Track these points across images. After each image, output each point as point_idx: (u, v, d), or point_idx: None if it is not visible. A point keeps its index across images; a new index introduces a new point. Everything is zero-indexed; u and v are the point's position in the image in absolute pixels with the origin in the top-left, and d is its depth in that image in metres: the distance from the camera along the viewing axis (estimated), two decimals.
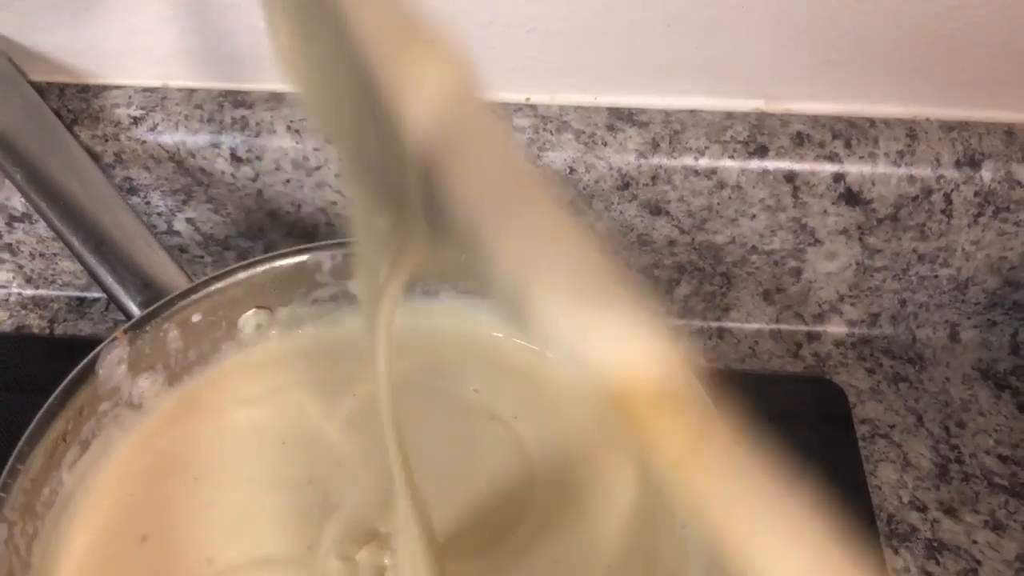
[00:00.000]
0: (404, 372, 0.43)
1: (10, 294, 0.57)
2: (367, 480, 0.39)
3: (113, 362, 0.39)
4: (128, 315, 0.41)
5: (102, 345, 0.39)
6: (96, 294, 0.56)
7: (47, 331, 0.55)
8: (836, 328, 0.56)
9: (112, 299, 0.41)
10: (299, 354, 0.44)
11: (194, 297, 0.41)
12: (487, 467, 0.40)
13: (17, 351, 0.54)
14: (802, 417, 0.53)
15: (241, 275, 0.42)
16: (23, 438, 0.36)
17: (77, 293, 0.57)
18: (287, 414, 0.42)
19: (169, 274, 0.42)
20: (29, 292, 0.57)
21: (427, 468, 0.40)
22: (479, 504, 0.39)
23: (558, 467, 0.39)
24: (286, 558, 0.37)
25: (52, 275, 0.56)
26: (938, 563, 0.46)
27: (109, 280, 0.41)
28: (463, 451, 0.41)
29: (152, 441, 0.40)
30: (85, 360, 0.38)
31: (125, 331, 0.39)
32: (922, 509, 0.48)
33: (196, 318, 0.41)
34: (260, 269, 0.43)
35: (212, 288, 0.41)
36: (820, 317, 0.56)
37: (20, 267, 0.56)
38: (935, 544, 0.46)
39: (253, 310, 0.43)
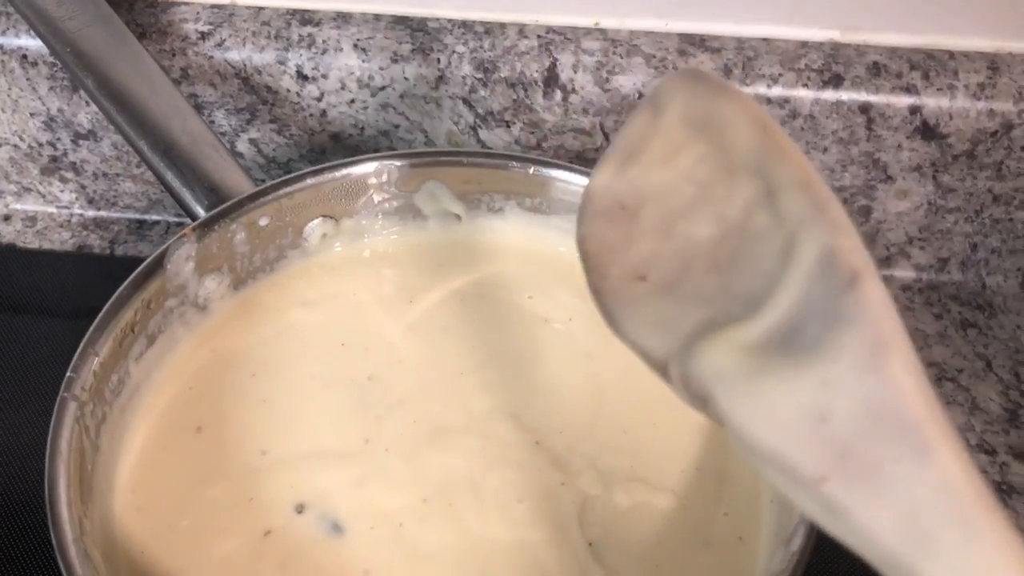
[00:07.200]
0: (467, 284, 0.43)
1: (72, 214, 0.57)
2: (431, 379, 0.39)
3: (181, 258, 0.39)
4: (194, 218, 0.41)
5: (170, 241, 0.39)
6: (156, 216, 0.57)
7: (107, 251, 0.55)
8: (903, 272, 0.55)
9: (179, 203, 0.41)
10: (361, 263, 0.44)
11: (261, 200, 0.41)
12: (551, 371, 0.39)
13: (78, 271, 0.55)
14: None
15: (309, 180, 0.42)
16: (93, 324, 0.36)
17: (138, 216, 0.57)
18: (347, 317, 0.42)
19: (236, 180, 0.42)
20: (91, 213, 0.57)
21: (494, 373, 0.39)
22: (551, 407, 0.38)
23: (623, 371, 0.38)
24: (341, 451, 0.37)
25: (114, 196, 0.56)
26: (1007, 505, 0.44)
27: (176, 184, 0.41)
28: (526, 354, 0.40)
29: (213, 339, 0.40)
30: (154, 254, 0.38)
31: (193, 228, 0.39)
32: (991, 452, 0.47)
33: (263, 222, 0.41)
34: (328, 176, 0.42)
35: (280, 192, 0.41)
36: (887, 260, 0.54)
37: (83, 187, 0.56)
38: (1004, 487, 0.45)
39: (320, 219, 0.43)
